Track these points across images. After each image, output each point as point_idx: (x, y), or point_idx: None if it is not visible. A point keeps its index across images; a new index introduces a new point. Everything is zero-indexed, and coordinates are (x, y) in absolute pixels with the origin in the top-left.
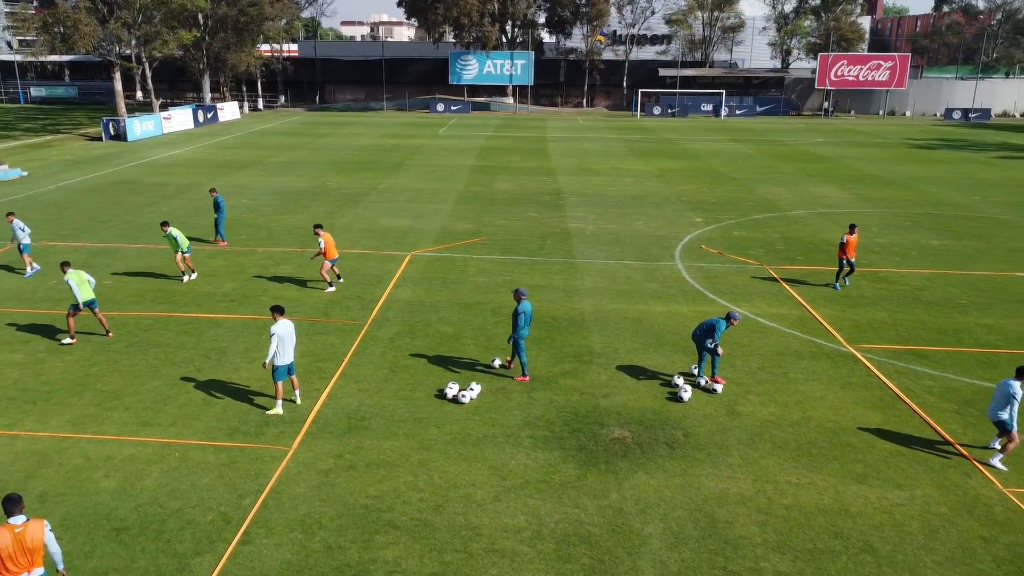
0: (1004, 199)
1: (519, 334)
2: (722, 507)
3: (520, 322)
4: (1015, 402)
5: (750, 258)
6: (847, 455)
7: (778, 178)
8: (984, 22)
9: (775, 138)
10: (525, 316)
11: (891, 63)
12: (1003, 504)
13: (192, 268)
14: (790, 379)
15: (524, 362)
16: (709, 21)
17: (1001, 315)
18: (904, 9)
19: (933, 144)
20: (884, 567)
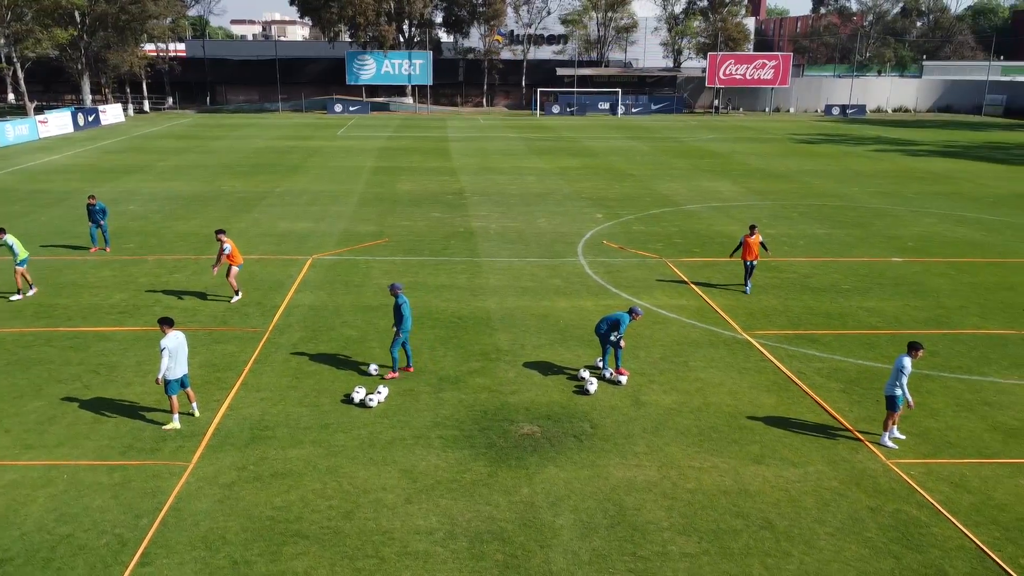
0: (879, 189)
1: (404, 328)
2: (630, 495)
3: (405, 313)
4: (903, 376)
5: (650, 252)
6: (745, 437)
7: (674, 174)
8: (857, 23)
9: (670, 135)
10: (406, 307)
11: (775, 62)
12: (887, 475)
13: (31, 283)
14: (690, 367)
15: (396, 358)
16: (603, 21)
17: (879, 298)
18: (785, 11)
19: (815, 139)
20: (782, 541)
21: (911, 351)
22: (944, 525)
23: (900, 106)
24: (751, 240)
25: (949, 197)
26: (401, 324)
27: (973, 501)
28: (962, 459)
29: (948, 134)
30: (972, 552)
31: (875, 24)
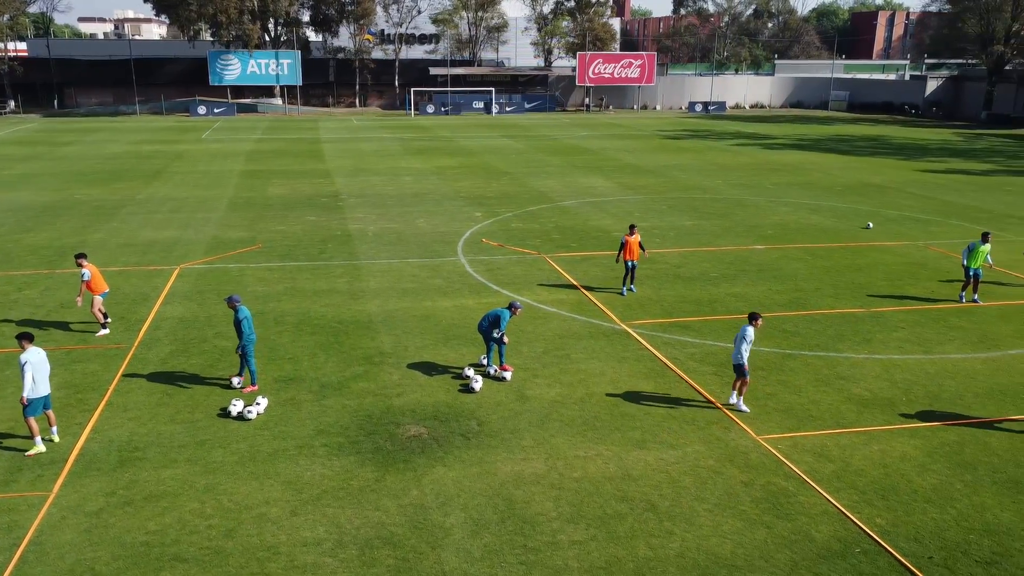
0: (740, 181)
1: (248, 340)
2: (518, 488)
3: (246, 329)
4: (745, 344)
5: (529, 248)
6: (627, 424)
7: (549, 171)
8: (715, 24)
9: (544, 133)
10: (248, 322)
11: (640, 61)
12: (757, 451)
13: None
14: (572, 360)
15: (254, 371)
16: (474, 21)
17: (745, 284)
18: (648, 12)
19: (681, 134)
20: (665, 521)
21: (752, 321)
22: (809, 493)
23: (756, 102)
24: (631, 240)
25: (802, 187)
26: (244, 338)
27: (834, 469)
28: (823, 430)
29: (799, 128)
30: (835, 516)
31: (731, 25)
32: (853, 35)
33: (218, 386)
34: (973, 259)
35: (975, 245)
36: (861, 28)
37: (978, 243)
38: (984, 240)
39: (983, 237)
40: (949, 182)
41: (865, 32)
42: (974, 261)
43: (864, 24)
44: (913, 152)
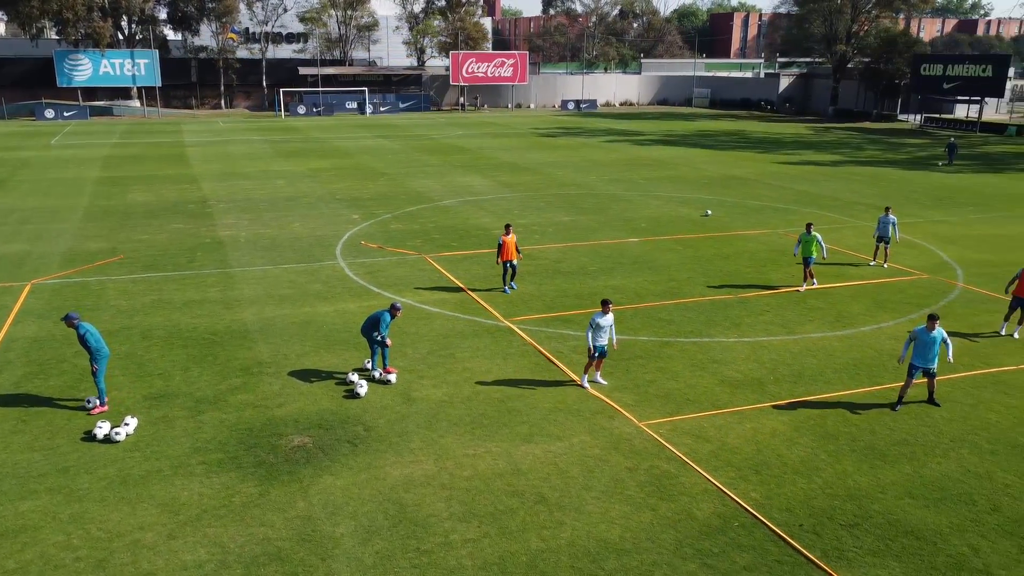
0: (613, 177)
1: (99, 356)
2: (409, 492)
3: (92, 343)
4: (591, 330)
5: (409, 249)
6: (514, 419)
7: (427, 171)
8: (583, 24)
9: (420, 132)
10: (93, 335)
11: (513, 60)
12: (640, 437)
13: None
14: (458, 359)
15: (102, 389)
16: (344, 20)
17: (622, 276)
18: (518, 11)
19: (555, 132)
20: (555, 512)
21: (603, 308)
22: (690, 474)
23: (626, 100)
24: (507, 240)
25: (672, 181)
26: (94, 355)
27: (712, 449)
28: (700, 413)
29: (666, 124)
30: (714, 494)
31: (599, 25)
32: (712, 35)
33: (81, 409)
34: (804, 249)
35: (803, 236)
36: (719, 28)
37: (803, 234)
38: (808, 231)
39: (807, 228)
40: (803, 173)
41: (723, 32)
42: (805, 250)
43: (722, 25)
44: (770, 145)
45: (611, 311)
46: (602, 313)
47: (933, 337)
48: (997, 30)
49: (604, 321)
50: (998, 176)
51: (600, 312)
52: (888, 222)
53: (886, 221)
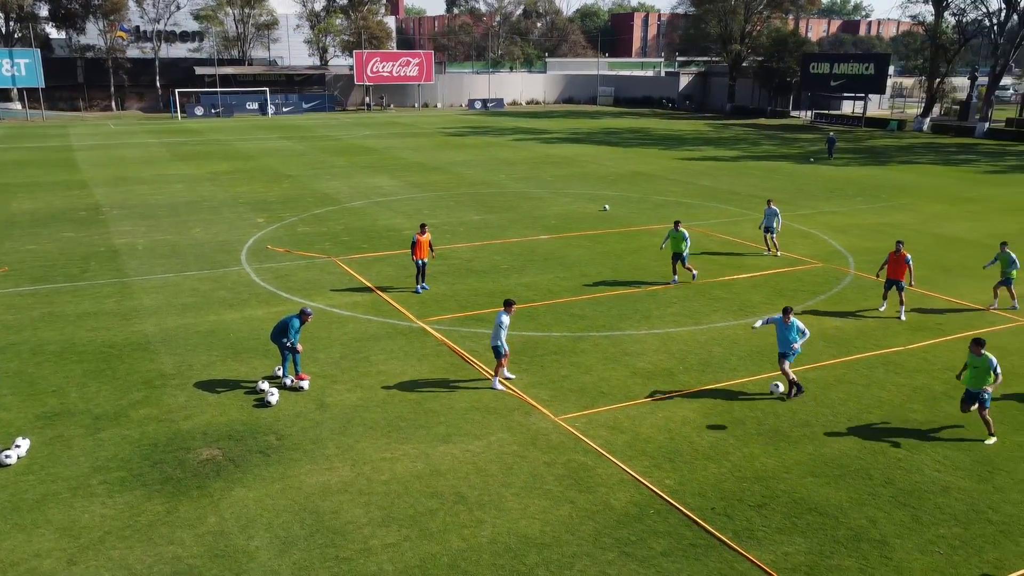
0: (522, 175)
1: None
2: (325, 499)
3: None
4: (503, 330)
5: (318, 252)
6: (431, 420)
7: (333, 172)
8: (488, 23)
9: (325, 133)
10: None
11: (418, 59)
12: (557, 431)
13: None
14: (372, 362)
15: None
16: (241, 18)
17: (533, 273)
18: (422, 10)
19: (463, 131)
20: (475, 511)
21: (506, 308)
22: (606, 465)
23: (532, 99)
24: (422, 239)
25: (579, 178)
26: None
27: (626, 439)
28: (614, 405)
29: (573, 122)
30: (630, 483)
31: (503, 24)
32: (614, 35)
33: None
34: (673, 244)
35: (671, 232)
36: (620, 28)
37: (671, 230)
38: (676, 227)
39: (675, 225)
40: (705, 168)
41: (624, 32)
42: (673, 246)
43: (622, 24)
44: (673, 142)
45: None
46: (506, 312)
47: (789, 327)
48: (877, 31)
49: (508, 320)
50: (882, 168)
51: (504, 311)
52: (772, 213)
53: (770, 213)
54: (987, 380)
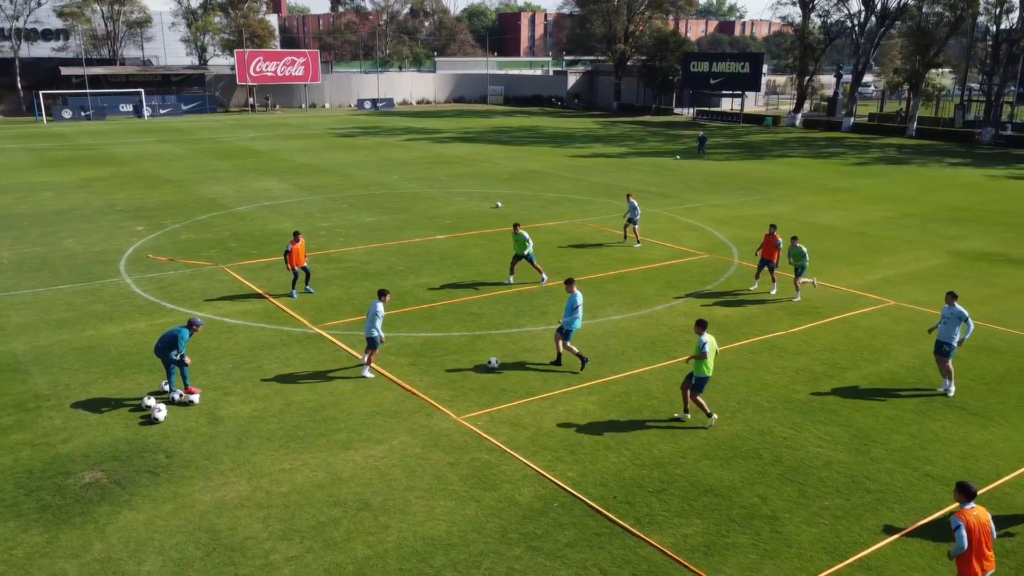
0: (415, 175)
1: None
2: (222, 516)
3: None
4: (378, 319)
5: (204, 260)
6: (331, 428)
7: (218, 176)
8: (374, 22)
9: (207, 136)
10: None
11: (304, 59)
12: (460, 431)
13: None
14: (266, 371)
15: None
16: (111, 15)
17: (430, 274)
18: (306, 8)
19: (353, 132)
20: (380, 517)
21: (380, 297)
22: (510, 462)
23: (423, 98)
24: (296, 247)
25: (473, 177)
26: None
27: (528, 435)
28: (516, 401)
29: (464, 122)
30: (534, 478)
31: (390, 23)
32: (502, 34)
33: None
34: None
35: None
36: (508, 28)
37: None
38: (515, 230)
39: (514, 228)
40: (594, 165)
41: (511, 31)
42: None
43: (510, 24)
44: (563, 140)
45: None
46: (380, 301)
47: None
48: (751, 31)
49: (383, 309)
50: (759, 162)
51: (378, 300)
52: (633, 207)
53: (632, 206)
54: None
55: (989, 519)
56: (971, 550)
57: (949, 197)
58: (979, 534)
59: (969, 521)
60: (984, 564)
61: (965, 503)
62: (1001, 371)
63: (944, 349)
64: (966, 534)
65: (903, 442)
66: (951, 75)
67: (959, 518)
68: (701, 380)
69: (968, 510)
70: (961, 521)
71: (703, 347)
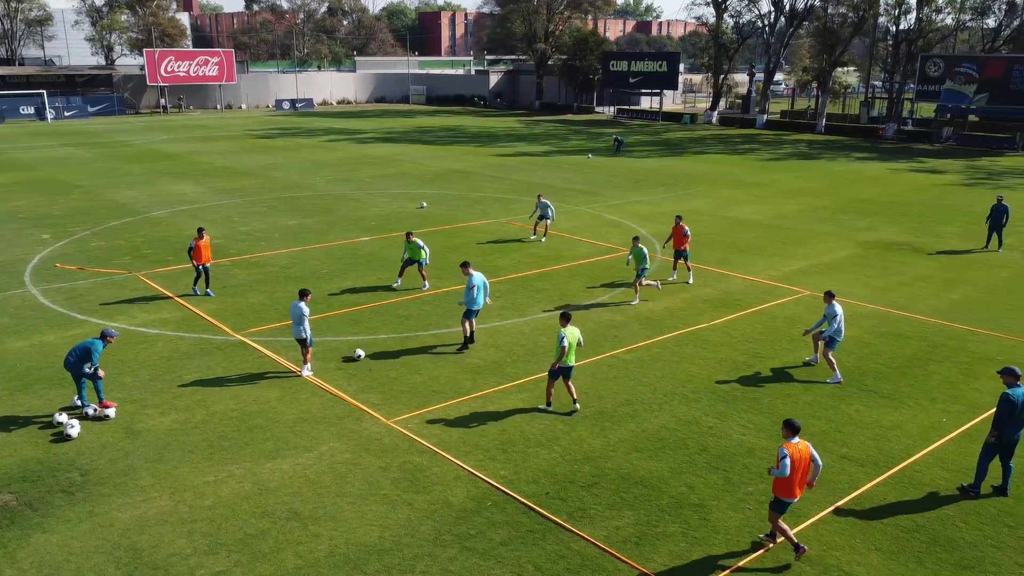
0: (338, 176)
1: None
2: (143, 533)
3: None
4: (305, 319)
5: (116, 268)
6: (256, 437)
7: (129, 180)
8: (291, 21)
9: (117, 139)
10: None
11: (218, 59)
12: (390, 434)
13: None
14: (186, 381)
15: None
16: (8, 13)
17: (356, 276)
18: (219, 7)
19: (271, 133)
20: (310, 525)
21: (302, 297)
22: (442, 463)
23: (343, 98)
24: (200, 243)
25: (396, 178)
26: None
27: (460, 435)
28: (446, 402)
29: (386, 122)
30: (466, 478)
31: (307, 22)
32: (422, 33)
33: None
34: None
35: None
36: (428, 27)
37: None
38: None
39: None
40: (519, 164)
41: (432, 31)
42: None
43: (430, 23)
44: (486, 139)
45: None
46: (303, 301)
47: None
48: (668, 31)
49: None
50: (679, 159)
51: (301, 301)
52: (544, 205)
53: (542, 204)
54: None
55: (811, 452)
56: (792, 477)
57: (857, 190)
58: (800, 464)
59: (792, 453)
60: (798, 489)
61: (791, 437)
62: (908, 355)
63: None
64: (789, 463)
65: (821, 426)
66: (856, 73)
67: (785, 449)
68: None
69: (793, 443)
70: (787, 452)
71: (561, 340)
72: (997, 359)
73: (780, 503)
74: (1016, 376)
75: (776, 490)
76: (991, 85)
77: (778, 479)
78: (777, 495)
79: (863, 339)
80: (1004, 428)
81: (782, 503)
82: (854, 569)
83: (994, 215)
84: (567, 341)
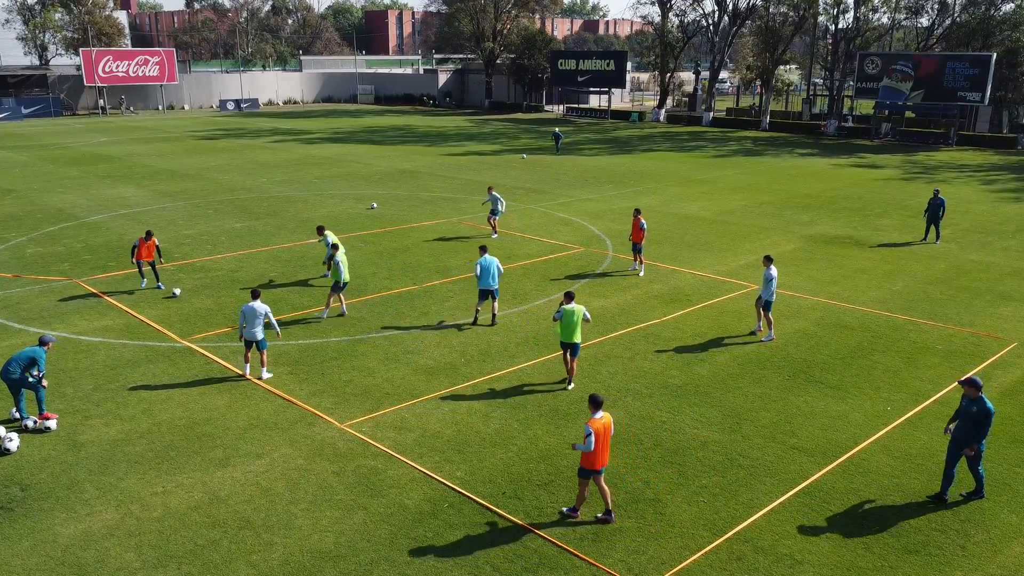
0: (284, 178)
1: None
2: (88, 549)
3: None
4: (258, 319)
5: (55, 274)
6: (206, 445)
7: (66, 184)
8: (233, 19)
9: (52, 141)
10: None
11: (158, 58)
12: (343, 438)
13: None
14: (131, 390)
15: None
16: None
17: (304, 278)
18: (158, 5)
19: (215, 134)
20: (263, 534)
21: (255, 297)
22: (397, 466)
23: (289, 98)
24: (146, 244)
25: (345, 178)
26: None
27: (415, 437)
28: (400, 404)
29: (333, 122)
30: (422, 480)
31: (251, 20)
32: (369, 32)
33: None
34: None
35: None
36: (375, 26)
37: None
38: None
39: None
40: (469, 163)
41: (379, 30)
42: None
43: (377, 22)
44: (436, 139)
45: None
46: (255, 302)
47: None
48: (614, 29)
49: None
50: (628, 156)
51: (252, 302)
52: (495, 199)
53: (494, 197)
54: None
55: (611, 423)
56: (596, 450)
57: (800, 185)
58: (603, 437)
59: (597, 429)
60: (601, 459)
61: (595, 412)
62: (853, 346)
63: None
64: (594, 439)
65: (771, 418)
66: (798, 71)
67: (590, 426)
68: (571, 346)
69: (597, 418)
70: (592, 428)
71: (558, 315)
72: (937, 348)
73: (586, 472)
74: (979, 387)
75: (583, 462)
76: (926, 82)
77: (585, 453)
78: (583, 466)
79: (809, 331)
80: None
81: (587, 472)
82: (805, 557)
83: (931, 208)
84: (575, 317)
